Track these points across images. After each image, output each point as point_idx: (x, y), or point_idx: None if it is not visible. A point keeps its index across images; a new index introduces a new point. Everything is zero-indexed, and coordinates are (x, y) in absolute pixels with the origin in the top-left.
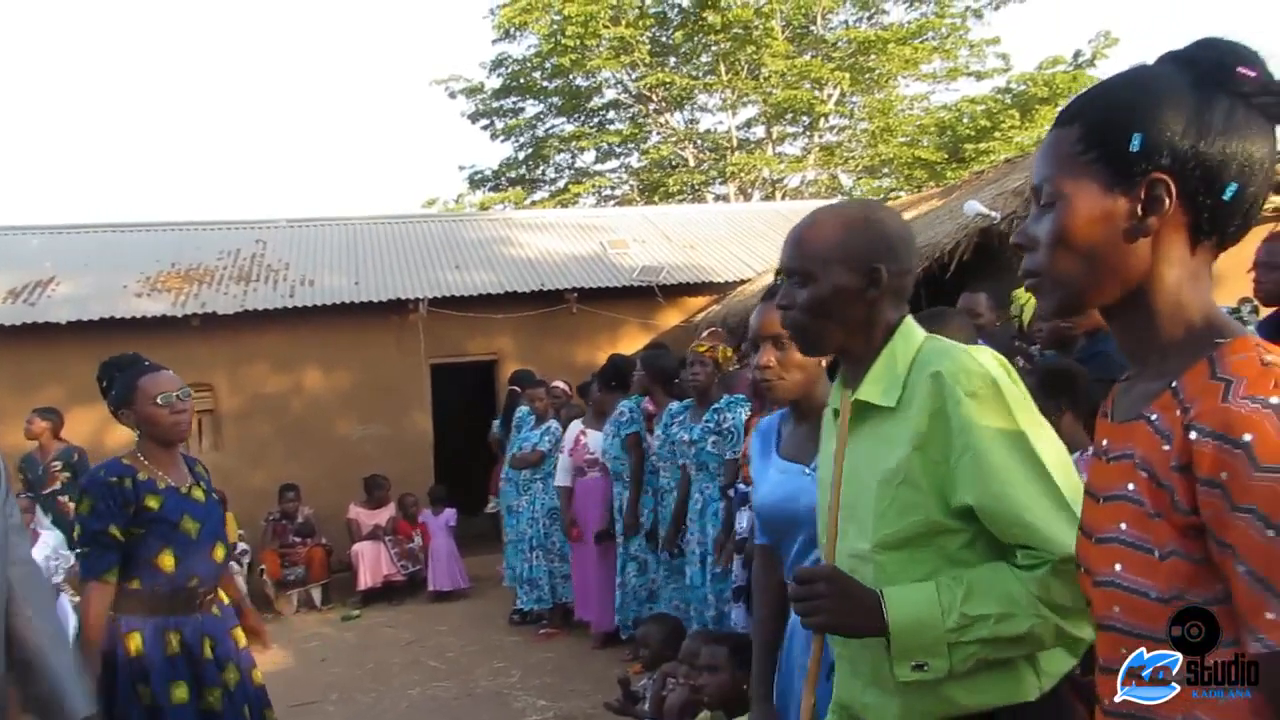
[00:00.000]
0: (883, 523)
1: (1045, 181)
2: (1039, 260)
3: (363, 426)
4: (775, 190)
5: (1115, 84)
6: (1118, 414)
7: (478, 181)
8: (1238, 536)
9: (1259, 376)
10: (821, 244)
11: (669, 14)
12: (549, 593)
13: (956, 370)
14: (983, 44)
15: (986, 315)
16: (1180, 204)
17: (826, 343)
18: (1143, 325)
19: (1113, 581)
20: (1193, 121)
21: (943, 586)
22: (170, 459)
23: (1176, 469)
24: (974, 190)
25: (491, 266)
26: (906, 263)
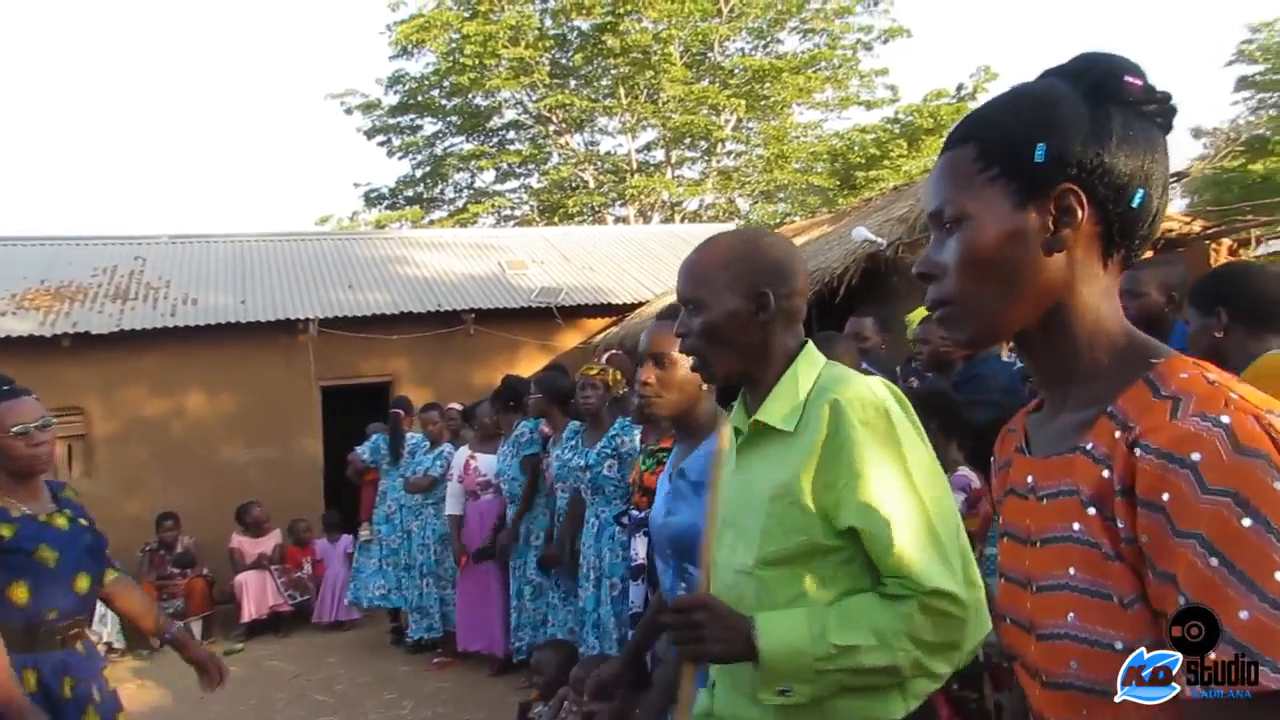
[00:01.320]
0: (768, 540)
1: (946, 204)
2: (949, 288)
3: (248, 451)
4: (674, 213)
5: (1007, 100)
6: (1041, 447)
7: (374, 199)
8: (1180, 565)
9: (1209, 394)
10: (710, 271)
11: (569, 37)
12: (440, 621)
13: (852, 398)
14: (872, 74)
15: (873, 338)
16: (1092, 214)
17: (724, 367)
18: (1063, 349)
19: (1066, 634)
20: (1093, 132)
21: (813, 615)
22: (28, 487)
23: (1120, 493)
24: (862, 217)
25: (386, 286)
26: (793, 286)
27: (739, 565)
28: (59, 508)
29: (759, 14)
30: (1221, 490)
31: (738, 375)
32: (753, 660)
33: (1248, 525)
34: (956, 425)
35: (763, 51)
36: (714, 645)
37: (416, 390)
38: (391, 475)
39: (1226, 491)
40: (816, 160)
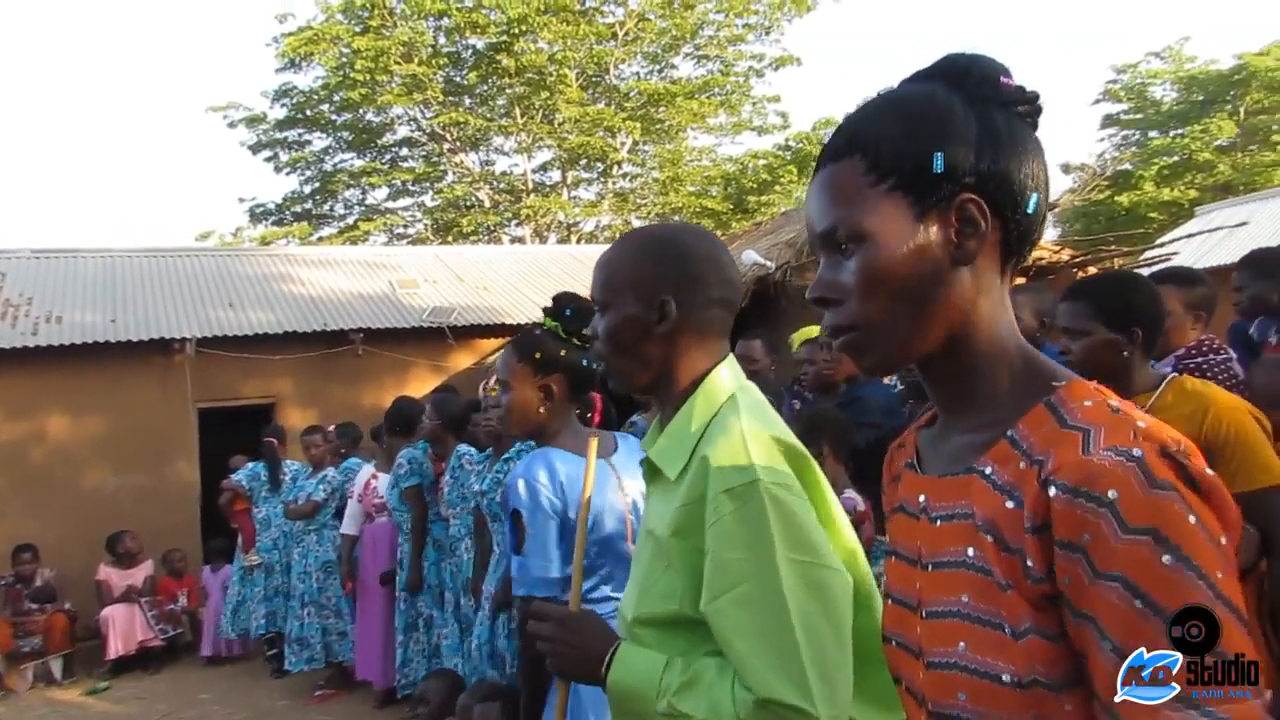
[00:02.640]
0: (644, 600)
1: (839, 224)
2: (853, 312)
3: (118, 477)
4: (571, 234)
5: (888, 108)
6: (933, 466)
7: (259, 215)
8: (1102, 607)
9: (1116, 425)
10: (615, 272)
11: (463, 55)
12: (322, 652)
13: (724, 460)
14: (764, 101)
15: (762, 360)
16: (993, 224)
17: (629, 378)
18: (964, 368)
19: (955, 663)
20: (983, 137)
21: (671, 668)
22: None
23: (1031, 531)
24: (752, 240)
25: (270, 304)
26: (707, 294)
27: (624, 614)
28: None
29: (653, 39)
30: (1141, 529)
31: (642, 388)
32: (600, 684)
33: (1168, 563)
34: (844, 446)
35: (658, 76)
36: (563, 661)
37: (302, 412)
38: (271, 502)
39: (1145, 530)
40: (710, 184)
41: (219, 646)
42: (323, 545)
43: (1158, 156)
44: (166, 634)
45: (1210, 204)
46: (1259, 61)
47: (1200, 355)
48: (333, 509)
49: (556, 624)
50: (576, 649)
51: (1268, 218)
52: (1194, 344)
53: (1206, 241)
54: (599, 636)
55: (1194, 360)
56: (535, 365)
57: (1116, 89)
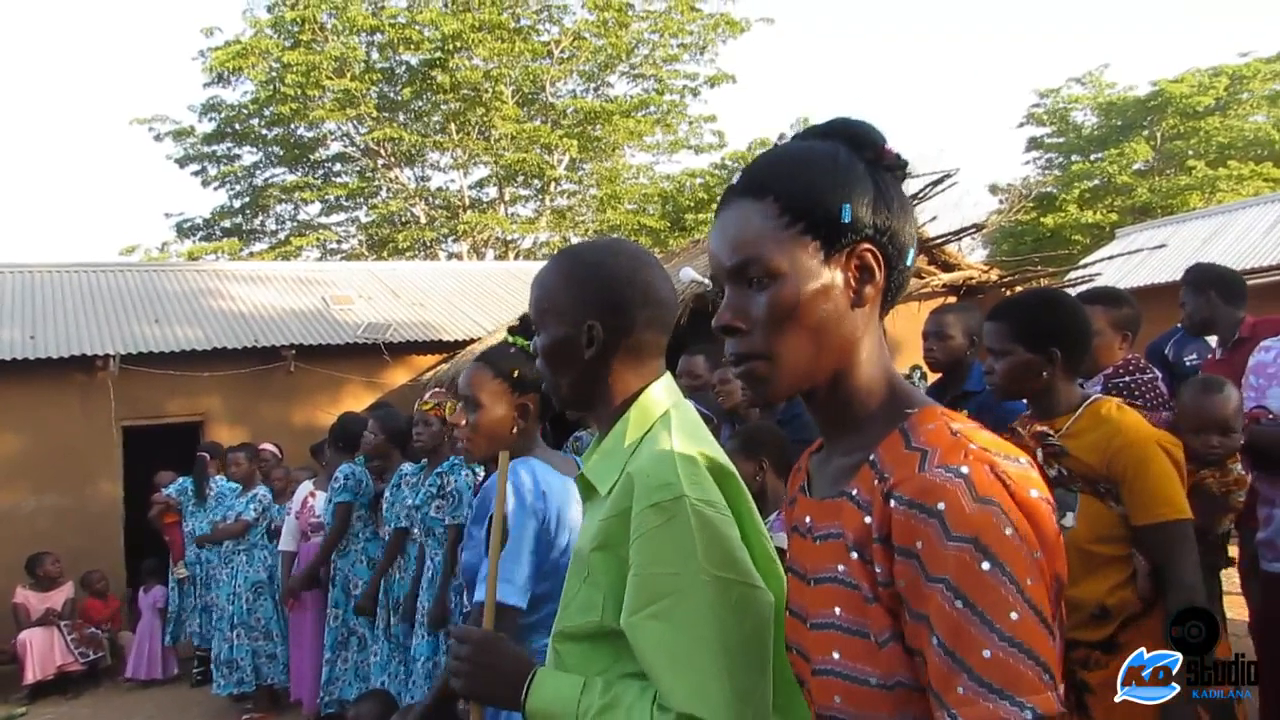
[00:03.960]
0: (565, 614)
1: (752, 260)
2: (758, 342)
3: (36, 498)
4: (509, 250)
5: (800, 157)
6: (817, 489)
7: (186, 230)
8: (931, 607)
9: (951, 446)
10: (544, 293)
11: (397, 71)
12: (252, 674)
13: (651, 475)
14: (700, 120)
15: (706, 376)
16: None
17: (566, 395)
18: (843, 398)
19: (831, 670)
20: (878, 195)
21: (589, 690)
22: None
23: (878, 540)
24: (690, 258)
25: (198, 321)
26: (635, 317)
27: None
28: None
29: (589, 58)
30: (963, 537)
31: (581, 406)
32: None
33: (986, 569)
34: (783, 462)
35: (594, 94)
36: (478, 685)
37: (231, 430)
38: (197, 516)
39: (967, 539)
40: (648, 202)
41: (141, 669)
42: (253, 565)
43: (1079, 180)
44: (87, 658)
45: (1130, 226)
46: (1174, 88)
47: (1128, 374)
48: (263, 529)
49: (473, 647)
50: (491, 672)
51: (1184, 240)
52: (1121, 363)
53: (1128, 263)
54: (515, 660)
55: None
56: (514, 383)
57: (1040, 113)
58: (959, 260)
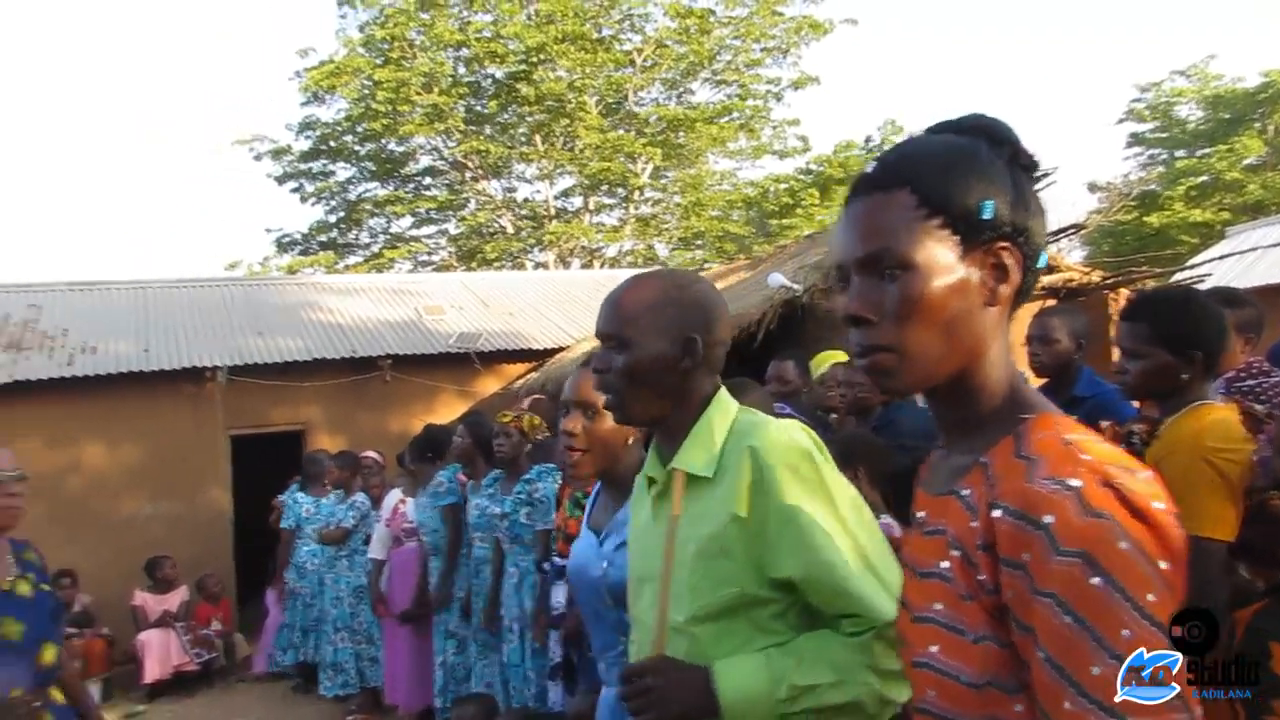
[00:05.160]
0: (696, 595)
1: (886, 251)
2: (887, 334)
3: (153, 504)
4: (594, 259)
5: (939, 151)
6: (932, 486)
7: (286, 245)
8: (1039, 621)
9: (1061, 457)
10: (639, 310)
11: (483, 84)
12: (356, 677)
13: (773, 444)
14: (784, 125)
15: (796, 381)
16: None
17: (641, 410)
18: (965, 399)
19: (928, 664)
20: (1018, 195)
21: (772, 657)
22: None
23: (981, 547)
24: (778, 264)
25: (299, 332)
26: (720, 334)
27: (670, 622)
28: (22, 571)
29: (671, 65)
30: (1071, 552)
31: (651, 419)
32: (714, 713)
33: (1096, 584)
34: (879, 471)
35: (676, 101)
36: (673, 706)
37: (331, 438)
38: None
39: (1077, 553)
40: (732, 208)
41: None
42: (354, 571)
43: (1184, 176)
44: (201, 658)
45: (1242, 224)
46: None
47: (1251, 377)
48: (363, 535)
49: (654, 675)
50: (680, 690)
51: None
52: (1243, 366)
53: (1240, 262)
54: (692, 670)
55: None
56: None
57: (1141, 108)
58: (1058, 262)
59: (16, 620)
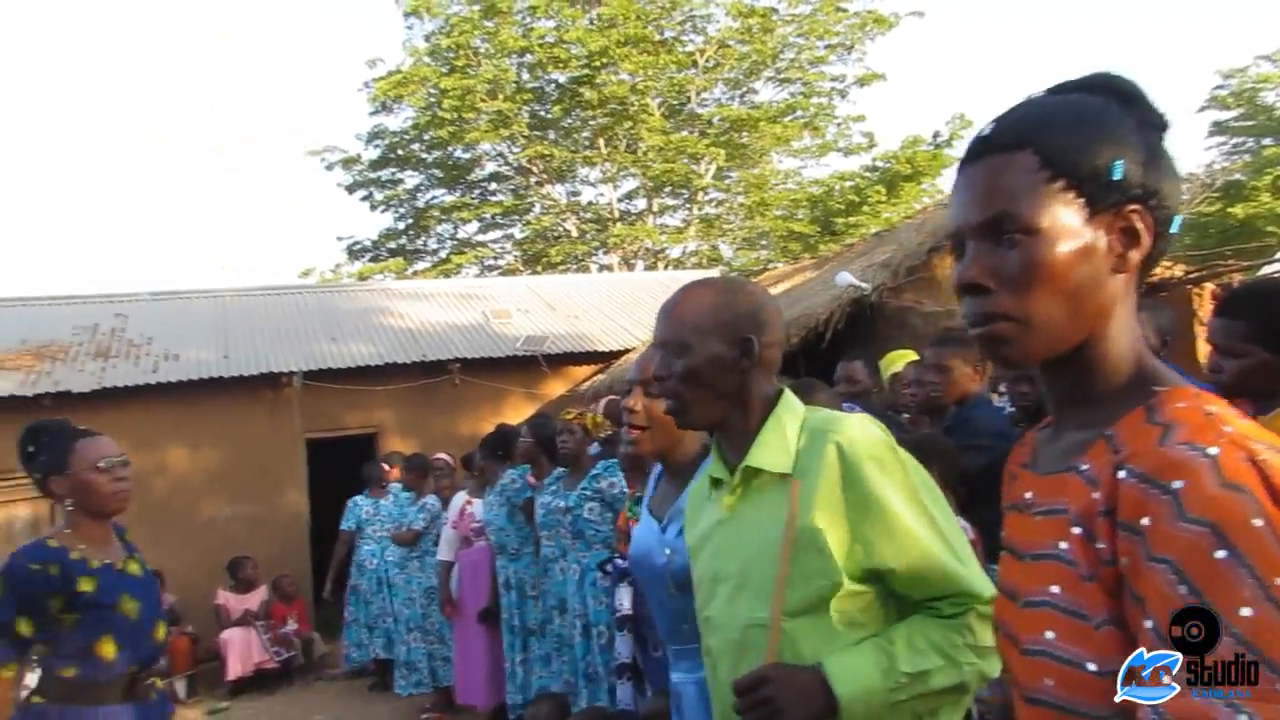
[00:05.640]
0: (789, 589)
1: (1006, 215)
2: (1005, 302)
3: (232, 507)
4: (658, 261)
5: (1064, 110)
6: (1042, 464)
7: (356, 252)
8: (1150, 589)
9: (1201, 425)
10: (695, 315)
11: (546, 89)
12: (429, 676)
13: (855, 437)
14: (849, 121)
15: (865, 381)
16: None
17: (702, 412)
18: (1086, 371)
19: (1045, 651)
20: (1150, 155)
21: (879, 647)
22: (103, 533)
23: (1103, 514)
24: (845, 262)
25: (370, 337)
26: (775, 335)
27: (748, 619)
28: (130, 553)
29: (734, 65)
30: (1199, 520)
31: (713, 421)
32: (832, 713)
33: (1221, 557)
34: (952, 472)
35: (739, 101)
36: (794, 712)
37: (403, 441)
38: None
39: (1204, 522)
40: (797, 207)
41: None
42: (425, 572)
43: (1272, 166)
44: (281, 656)
45: None
46: None
47: None
48: (434, 536)
49: (770, 683)
50: (800, 691)
51: None
52: None
53: None
54: (802, 672)
55: None
56: None
57: (1224, 95)
58: None
59: (133, 598)
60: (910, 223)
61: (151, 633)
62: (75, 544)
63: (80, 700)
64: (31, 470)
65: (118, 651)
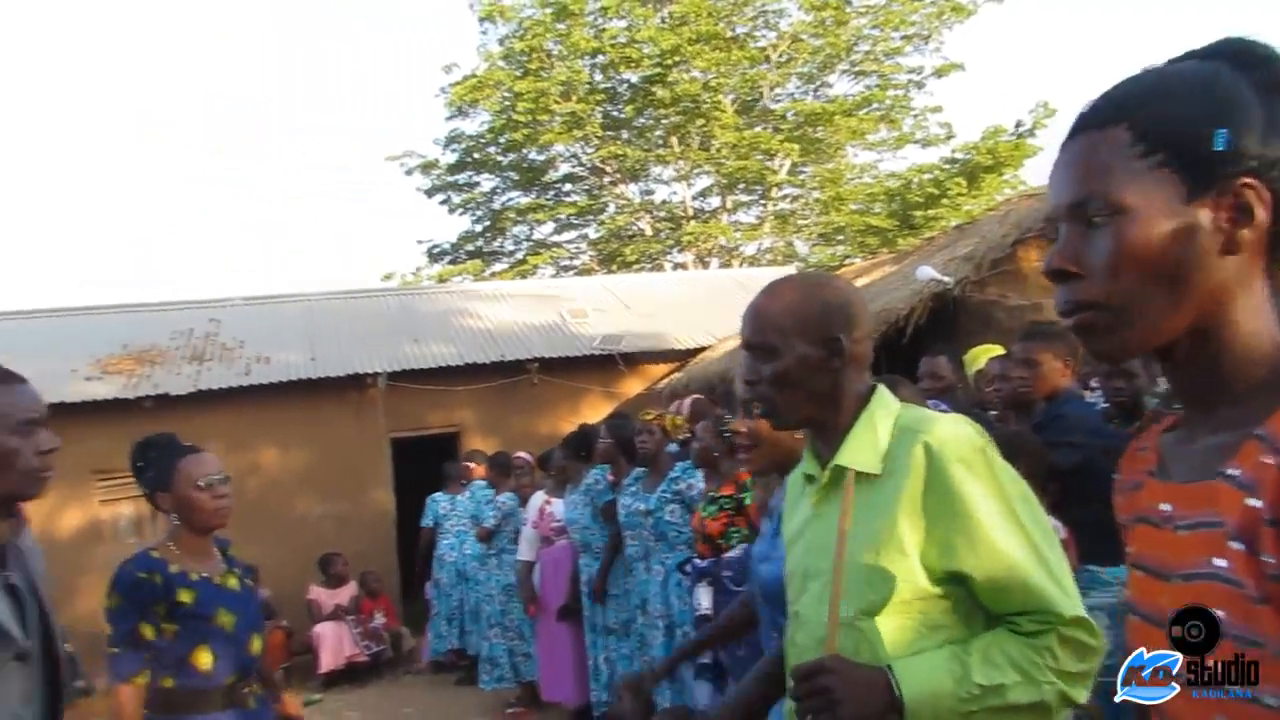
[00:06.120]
0: (868, 589)
1: (1093, 194)
2: (1097, 289)
3: (322, 504)
4: (732, 258)
5: (1163, 81)
6: (1178, 472)
7: (436, 255)
8: None
9: None
10: (779, 317)
11: (619, 90)
12: (511, 671)
13: (945, 438)
14: (926, 113)
15: (949, 377)
16: (1268, 215)
17: (795, 414)
18: (1212, 363)
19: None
20: (1269, 125)
21: (954, 655)
22: (203, 547)
23: (1270, 523)
24: (926, 256)
25: (451, 339)
26: (864, 330)
27: (836, 613)
28: (229, 567)
29: (807, 59)
30: None
31: (807, 421)
32: (894, 713)
33: None
34: (1042, 470)
35: (813, 95)
36: (849, 707)
37: (484, 440)
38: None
39: None
40: (874, 201)
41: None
42: (502, 569)
43: None
44: (370, 650)
45: None
46: None
47: None
48: (509, 534)
49: (832, 674)
50: (860, 686)
51: None
52: None
53: None
54: (866, 669)
55: None
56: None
57: None
58: None
59: (229, 611)
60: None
61: (247, 645)
62: (176, 556)
63: (183, 709)
64: (140, 484)
65: (214, 662)
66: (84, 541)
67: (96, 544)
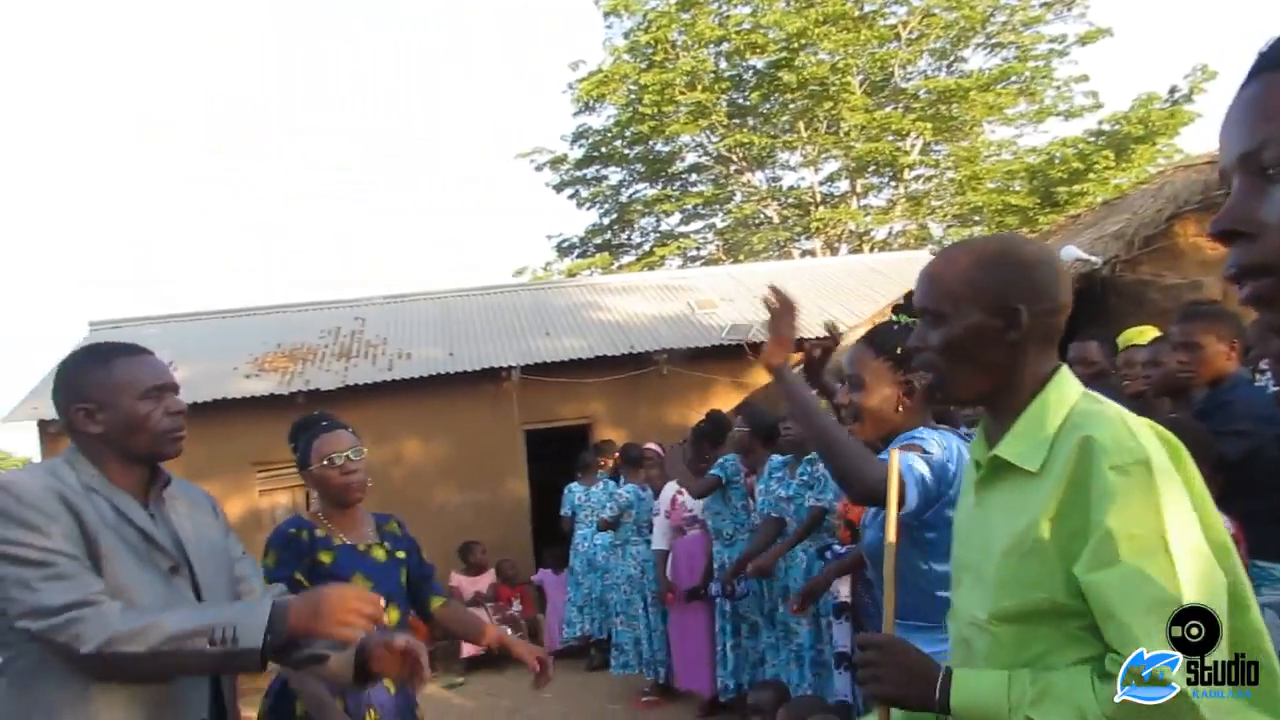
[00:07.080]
0: (1003, 593)
1: (1270, 141)
2: (1272, 251)
3: (461, 494)
4: (862, 243)
5: None
6: None
7: (565, 249)
8: None
9: None
10: (954, 281)
11: (744, 76)
12: (635, 659)
13: (1108, 440)
14: (1069, 82)
15: (1102, 362)
16: None
17: (963, 387)
18: None
19: None
20: None
21: (1015, 680)
22: (350, 517)
23: None
24: (1071, 235)
25: (581, 332)
26: (1053, 301)
27: (972, 616)
28: (380, 540)
29: (940, 34)
30: None
31: (978, 397)
32: (935, 710)
33: None
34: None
35: (946, 71)
36: (888, 686)
37: (614, 431)
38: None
39: None
40: (1013, 178)
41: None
42: (624, 560)
43: None
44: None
45: None
46: None
47: None
48: (630, 525)
49: (880, 650)
50: (902, 672)
51: None
52: None
53: None
54: (922, 660)
55: None
56: (897, 361)
57: None
58: None
59: (366, 578)
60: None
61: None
62: (323, 524)
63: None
64: (297, 465)
65: None
66: (245, 529)
67: (256, 531)
